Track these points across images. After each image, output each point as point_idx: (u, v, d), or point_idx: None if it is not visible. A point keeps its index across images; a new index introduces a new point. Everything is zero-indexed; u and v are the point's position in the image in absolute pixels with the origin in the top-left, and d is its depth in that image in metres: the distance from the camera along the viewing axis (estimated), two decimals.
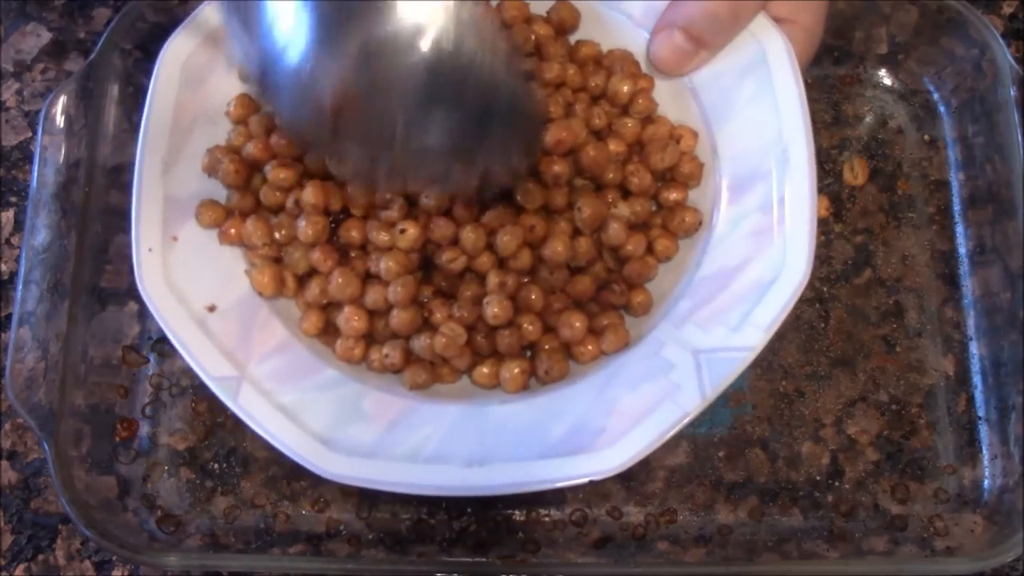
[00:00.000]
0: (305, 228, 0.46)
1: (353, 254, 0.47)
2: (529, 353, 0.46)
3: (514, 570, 0.49)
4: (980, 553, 0.48)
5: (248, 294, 0.47)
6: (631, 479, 0.52)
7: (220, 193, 0.48)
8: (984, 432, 0.53)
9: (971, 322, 0.55)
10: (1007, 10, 0.62)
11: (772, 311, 0.43)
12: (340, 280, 0.45)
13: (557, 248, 0.45)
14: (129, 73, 0.55)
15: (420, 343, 0.45)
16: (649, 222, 0.48)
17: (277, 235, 0.47)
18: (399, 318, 0.45)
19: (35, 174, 0.52)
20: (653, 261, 0.48)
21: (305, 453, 0.43)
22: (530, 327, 0.45)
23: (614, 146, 0.48)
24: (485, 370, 0.46)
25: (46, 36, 0.62)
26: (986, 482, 0.52)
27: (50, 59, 0.61)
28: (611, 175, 0.47)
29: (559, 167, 0.46)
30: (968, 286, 0.56)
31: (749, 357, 0.43)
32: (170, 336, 0.44)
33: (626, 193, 0.48)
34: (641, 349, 0.45)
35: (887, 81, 0.60)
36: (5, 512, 0.53)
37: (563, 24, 0.51)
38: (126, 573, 0.52)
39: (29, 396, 0.49)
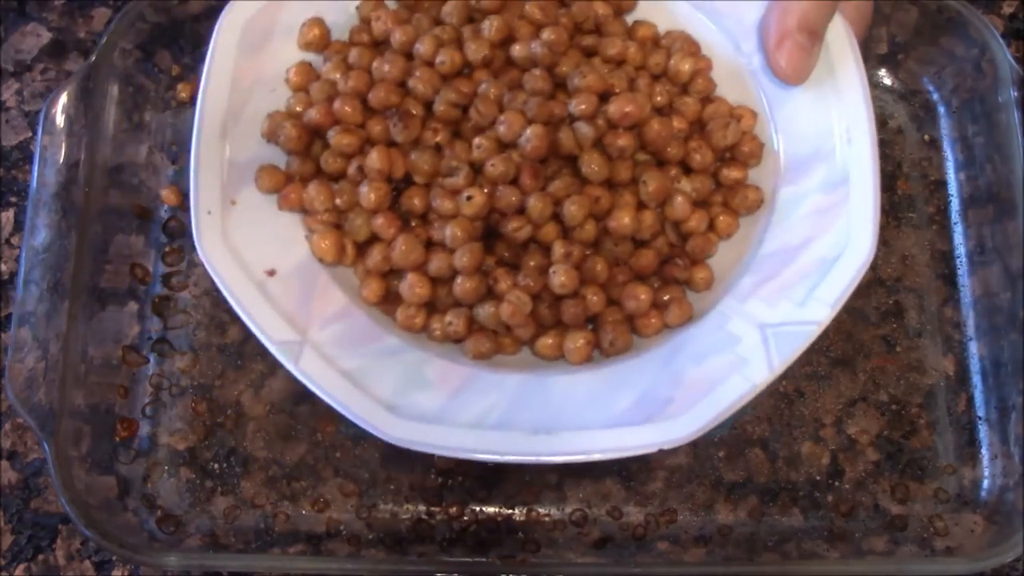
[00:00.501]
0: (368, 194, 0.46)
1: (414, 223, 0.47)
2: (591, 325, 0.46)
3: (514, 570, 0.49)
4: (980, 553, 0.48)
5: (307, 260, 0.46)
6: (631, 479, 0.52)
7: (280, 159, 0.47)
8: (984, 432, 0.53)
9: (971, 322, 0.55)
10: (1007, 10, 0.62)
11: (838, 287, 0.44)
12: (404, 247, 0.45)
13: (623, 220, 0.45)
14: (129, 73, 0.55)
15: (484, 312, 0.45)
16: (710, 199, 0.48)
17: (338, 201, 0.46)
18: (463, 286, 0.45)
19: (35, 174, 0.52)
20: (715, 238, 0.48)
21: (371, 418, 0.43)
22: (594, 298, 0.45)
23: (676, 123, 0.48)
24: (549, 341, 0.45)
25: (46, 36, 0.62)
26: (986, 482, 0.52)
27: (50, 59, 0.61)
28: (674, 151, 0.48)
29: (624, 140, 0.46)
30: (968, 286, 0.56)
31: (816, 331, 0.43)
32: (230, 299, 0.44)
33: (687, 170, 0.48)
34: (706, 323, 0.46)
35: (887, 81, 0.60)
36: (5, 512, 0.53)
37: (621, 5, 0.51)
38: (126, 573, 0.52)
39: (29, 396, 0.49)
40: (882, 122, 0.59)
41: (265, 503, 0.52)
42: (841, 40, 0.47)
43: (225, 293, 0.44)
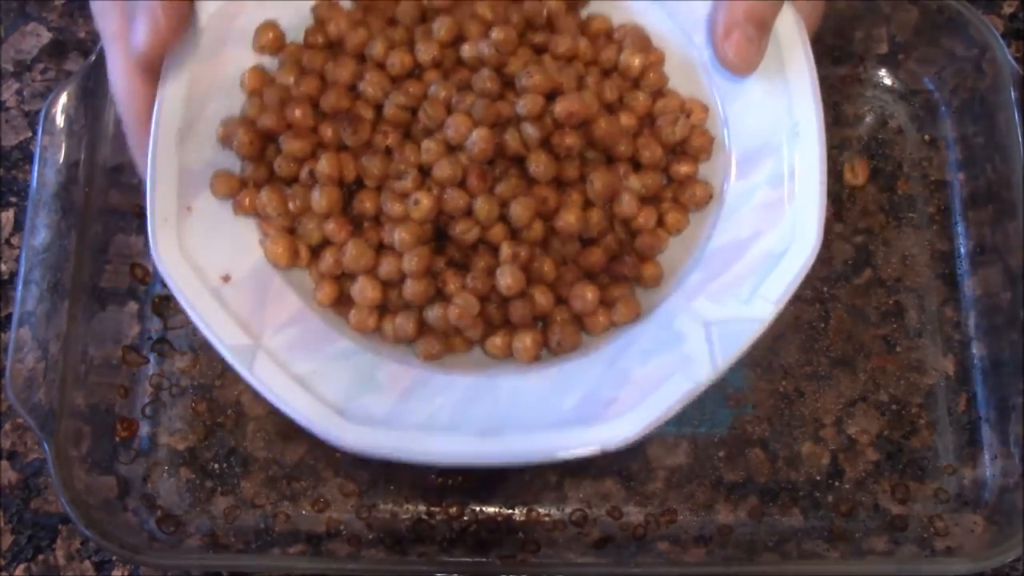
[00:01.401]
0: (320, 199, 0.46)
1: (367, 225, 0.47)
2: (541, 324, 0.47)
3: (514, 570, 0.49)
4: (980, 553, 0.48)
5: (262, 264, 0.46)
6: (631, 479, 0.53)
7: (235, 164, 0.47)
8: (984, 432, 0.53)
9: (971, 322, 0.55)
10: (1007, 10, 0.62)
11: (782, 283, 0.43)
12: (354, 251, 0.45)
13: (569, 219, 0.45)
14: None
15: (434, 313, 0.45)
16: (660, 195, 0.48)
17: (291, 205, 0.46)
18: (413, 288, 0.45)
19: (35, 174, 0.52)
20: (664, 234, 0.48)
21: (321, 423, 0.43)
22: (542, 298, 0.45)
23: (625, 119, 0.48)
24: (498, 341, 0.46)
25: (46, 36, 0.62)
26: (987, 482, 0.52)
27: (50, 59, 0.61)
28: (622, 148, 0.47)
29: (571, 139, 0.46)
30: (968, 286, 0.56)
31: (759, 329, 0.43)
32: (185, 306, 0.44)
33: (637, 166, 0.48)
34: (653, 321, 0.46)
35: (887, 81, 0.60)
36: (5, 512, 0.53)
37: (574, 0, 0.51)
38: (126, 573, 0.52)
39: (29, 396, 0.49)
40: (882, 122, 0.59)
41: (265, 503, 0.52)
42: (792, 33, 0.47)
43: (179, 299, 0.44)
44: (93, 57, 0.53)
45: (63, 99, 0.52)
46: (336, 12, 0.49)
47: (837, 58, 0.60)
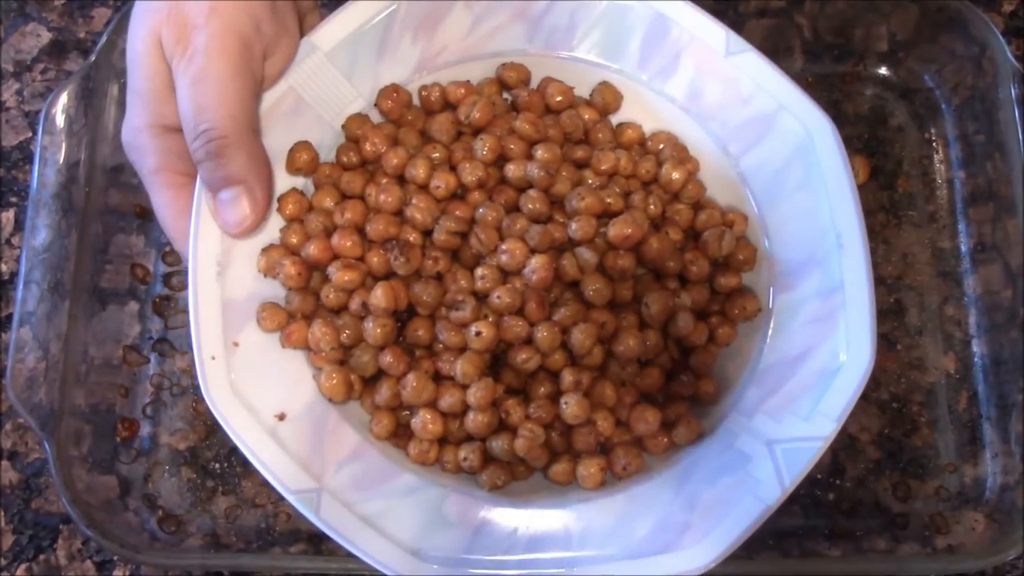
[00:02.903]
0: (374, 330, 0.44)
1: (419, 353, 0.46)
2: (600, 448, 0.46)
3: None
4: (981, 551, 0.48)
5: (316, 399, 0.45)
6: None
7: (277, 293, 0.46)
8: (985, 430, 0.53)
9: (972, 320, 0.55)
10: (1007, 8, 0.62)
11: (841, 400, 0.43)
12: (415, 384, 0.44)
13: (630, 343, 0.45)
14: None
15: (499, 445, 0.45)
16: (707, 309, 0.48)
17: (343, 337, 0.45)
18: (477, 421, 0.44)
19: (35, 174, 0.51)
20: (715, 348, 0.48)
21: (397, 566, 0.42)
22: (605, 424, 0.45)
23: (673, 235, 0.48)
24: (562, 468, 0.45)
25: (46, 36, 0.62)
26: (987, 480, 0.52)
27: (50, 59, 0.61)
28: (671, 264, 0.47)
29: (625, 261, 0.46)
30: (969, 284, 0.56)
31: (823, 447, 0.43)
32: (243, 450, 0.42)
33: (683, 281, 0.48)
34: (715, 442, 0.45)
35: (887, 79, 0.60)
36: (6, 512, 0.53)
37: (607, 107, 0.51)
38: (127, 573, 0.52)
39: (30, 396, 0.49)
40: (882, 120, 0.59)
41: (266, 503, 0.52)
42: (828, 143, 0.46)
43: (238, 444, 0.42)
44: (93, 57, 0.53)
45: (63, 99, 0.52)
46: (369, 129, 0.48)
47: (837, 56, 0.60)
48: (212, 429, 0.53)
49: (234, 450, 0.53)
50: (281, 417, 0.44)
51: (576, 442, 0.45)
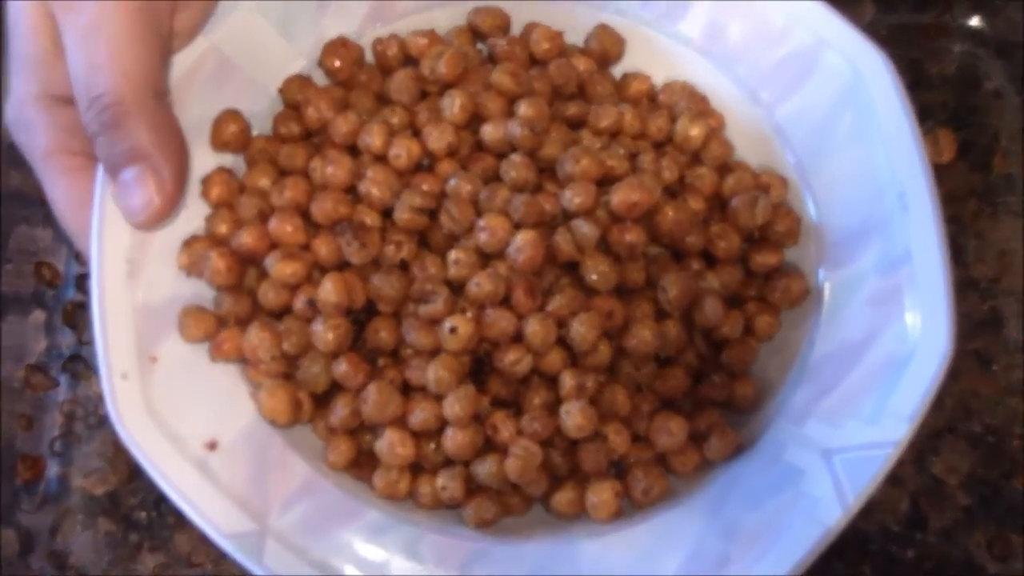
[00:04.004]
0: (324, 334, 0.41)
1: (383, 362, 0.43)
2: (615, 470, 0.43)
3: None
4: None
5: (255, 423, 0.42)
6: None
7: (203, 295, 0.43)
8: None
9: None
10: None
11: (914, 396, 0.40)
12: (377, 397, 0.40)
13: (644, 336, 0.41)
14: None
15: (486, 470, 0.41)
16: (742, 294, 0.45)
17: (286, 345, 0.42)
18: (457, 440, 0.40)
19: None
20: (754, 343, 0.44)
21: None
22: (618, 438, 0.41)
23: (693, 204, 0.45)
24: (567, 496, 0.42)
25: None
26: None
27: None
28: (692, 239, 0.44)
29: (633, 235, 0.42)
30: None
31: (894, 454, 0.39)
32: (163, 486, 0.39)
33: (710, 260, 0.45)
34: (757, 455, 0.42)
35: (981, 32, 0.56)
36: None
37: (606, 55, 0.48)
38: None
39: None
40: (974, 83, 0.55)
41: (204, 560, 0.49)
42: (883, 83, 0.43)
43: (157, 480, 0.39)
44: None
45: None
46: (313, 93, 0.45)
47: (918, 3, 0.57)
48: (137, 470, 0.48)
49: (164, 496, 0.47)
50: (212, 446, 0.41)
51: (583, 462, 0.42)
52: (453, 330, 0.40)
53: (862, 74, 0.43)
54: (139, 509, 0.49)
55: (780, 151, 0.46)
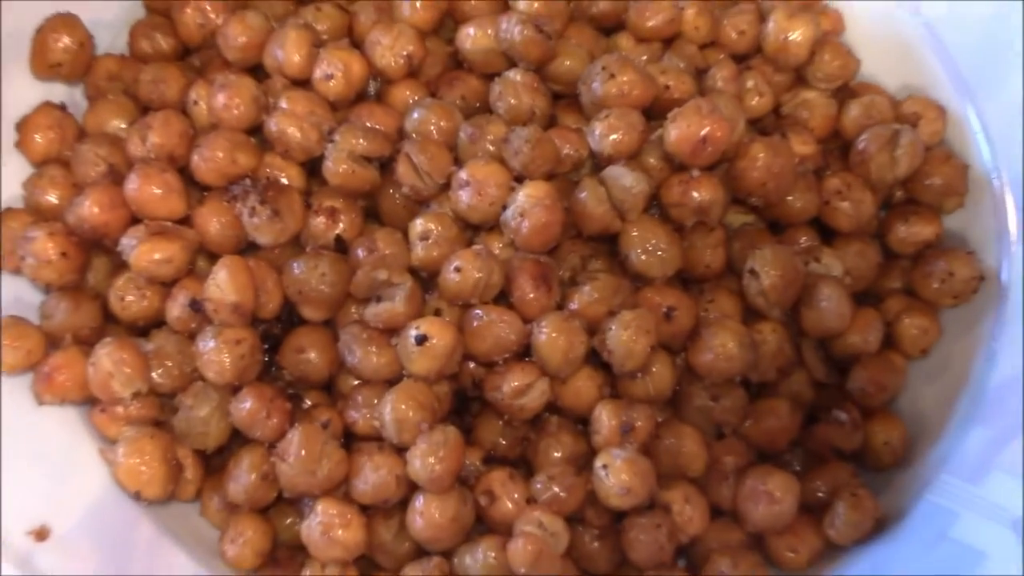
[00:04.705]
0: (217, 356, 0.33)
1: (310, 397, 0.35)
2: (684, 561, 0.34)
3: None
4: None
5: (107, 497, 0.35)
6: None
7: (26, 299, 0.36)
8: None
9: None
10: None
11: None
12: (303, 452, 0.32)
13: (725, 348, 0.33)
14: None
15: (476, 560, 0.32)
16: (878, 284, 0.36)
17: (155, 375, 0.34)
18: (431, 517, 0.32)
19: None
20: (899, 359, 0.36)
21: None
22: (686, 508, 0.33)
23: (799, 145, 0.36)
24: None
25: None
26: None
27: None
28: (799, 201, 0.35)
29: (705, 192, 0.34)
30: None
31: None
32: None
33: (827, 233, 0.36)
34: (910, 532, 0.34)
35: None
36: None
37: None
38: None
39: None
40: None
41: None
42: None
43: None
44: None
45: None
46: None
47: None
48: None
49: None
50: (40, 535, 0.33)
51: (632, 549, 0.33)
52: (421, 341, 0.31)
53: None
54: None
55: (933, 65, 0.37)
